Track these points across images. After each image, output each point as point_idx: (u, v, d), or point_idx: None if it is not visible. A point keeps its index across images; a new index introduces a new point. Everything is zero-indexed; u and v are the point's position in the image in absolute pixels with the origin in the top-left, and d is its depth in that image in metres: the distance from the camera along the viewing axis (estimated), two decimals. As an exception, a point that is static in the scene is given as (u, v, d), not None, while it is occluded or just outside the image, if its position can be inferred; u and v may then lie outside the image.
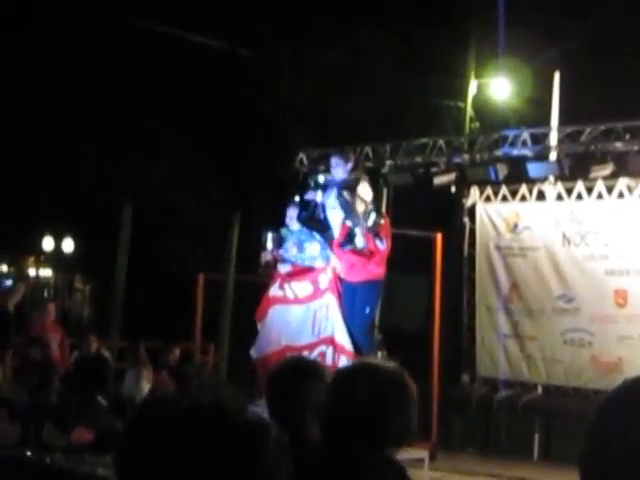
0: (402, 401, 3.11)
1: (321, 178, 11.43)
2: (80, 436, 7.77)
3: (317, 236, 11.15)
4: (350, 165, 11.05)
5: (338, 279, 10.90)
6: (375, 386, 3.09)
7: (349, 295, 10.76)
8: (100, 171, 23.84)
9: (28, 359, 12.40)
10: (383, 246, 10.57)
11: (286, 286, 11.20)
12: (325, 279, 10.97)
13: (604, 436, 1.70)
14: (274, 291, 11.28)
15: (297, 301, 11.11)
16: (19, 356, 12.99)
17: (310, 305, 11.03)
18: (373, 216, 10.50)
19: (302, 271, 11.20)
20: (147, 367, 12.68)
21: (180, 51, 22.84)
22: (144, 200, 20.00)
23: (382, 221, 10.60)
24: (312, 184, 11.35)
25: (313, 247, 11.09)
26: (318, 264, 11.08)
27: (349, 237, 10.56)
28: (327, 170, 11.64)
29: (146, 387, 12.27)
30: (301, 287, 11.11)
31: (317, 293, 10.99)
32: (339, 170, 10.94)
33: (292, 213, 11.38)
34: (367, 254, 10.53)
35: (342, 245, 10.69)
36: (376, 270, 10.63)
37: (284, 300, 11.17)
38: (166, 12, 22.26)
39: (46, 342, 12.69)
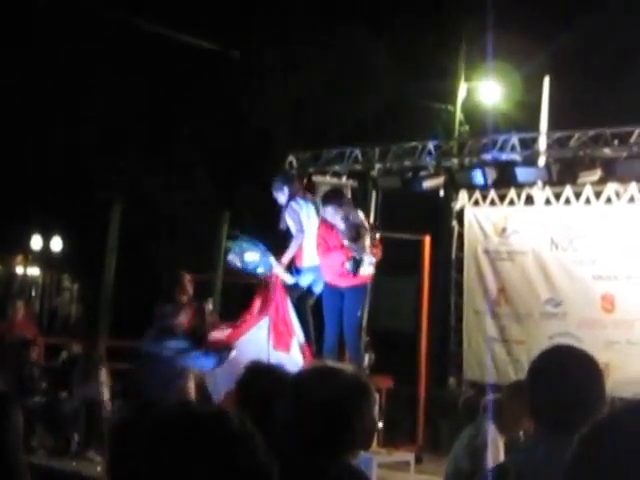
0: (364, 405, 3.08)
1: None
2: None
3: (259, 244, 10.78)
4: (287, 190, 10.84)
5: (284, 287, 10.56)
6: (336, 391, 3.03)
7: (335, 299, 10.55)
8: (89, 170, 23.79)
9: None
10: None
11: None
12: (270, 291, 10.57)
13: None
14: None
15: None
16: None
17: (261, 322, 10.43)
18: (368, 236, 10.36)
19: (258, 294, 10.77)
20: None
21: (170, 52, 22.81)
22: (133, 199, 20.00)
23: (377, 236, 10.58)
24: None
25: (252, 255, 10.77)
26: (260, 272, 10.73)
27: (355, 262, 10.23)
28: (317, 172, 11.47)
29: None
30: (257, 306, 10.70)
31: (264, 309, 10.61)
32: (280, 197, 10.90)
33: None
34: None
35: (349, 273, 10.33)
36: (363, 274, 10.53)
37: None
38: (156, 12, 22.22)
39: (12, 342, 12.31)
